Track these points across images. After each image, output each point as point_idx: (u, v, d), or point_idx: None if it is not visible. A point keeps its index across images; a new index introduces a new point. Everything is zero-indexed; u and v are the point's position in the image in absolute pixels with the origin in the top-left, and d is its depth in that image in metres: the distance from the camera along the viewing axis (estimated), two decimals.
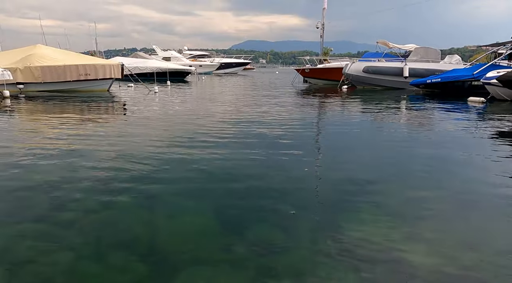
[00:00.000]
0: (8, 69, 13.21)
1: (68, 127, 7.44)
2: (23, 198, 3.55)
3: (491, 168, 4.88)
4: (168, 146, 5.76)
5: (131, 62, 25.29)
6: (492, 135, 7.11)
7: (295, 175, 4.42)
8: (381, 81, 20.00)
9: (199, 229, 2.98)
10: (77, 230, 2.90)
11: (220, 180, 4.14)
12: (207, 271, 2.38)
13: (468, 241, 2.85)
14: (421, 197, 3.71)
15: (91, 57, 19.39)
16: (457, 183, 4.22)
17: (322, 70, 24.69)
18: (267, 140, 6.26)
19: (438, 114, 10.25)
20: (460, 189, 3.98)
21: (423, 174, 4.51)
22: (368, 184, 4.06)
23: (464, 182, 4.27)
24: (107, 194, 3.65)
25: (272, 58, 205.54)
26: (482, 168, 4.95)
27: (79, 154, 5.16)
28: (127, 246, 2.67)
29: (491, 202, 3.60)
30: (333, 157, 5.39)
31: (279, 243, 2.74)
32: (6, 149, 5.51)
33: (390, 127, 8.12)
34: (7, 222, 3.06)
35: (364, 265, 2.46)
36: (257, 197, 3.64)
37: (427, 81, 16.91)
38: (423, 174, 4.49)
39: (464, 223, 3.17)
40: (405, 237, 2.86)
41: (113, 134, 6.72)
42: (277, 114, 9.45)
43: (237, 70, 49.10)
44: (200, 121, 8.39)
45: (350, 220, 3.12)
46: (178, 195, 3.69)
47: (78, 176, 4.21)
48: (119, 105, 11.99)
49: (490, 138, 6.84)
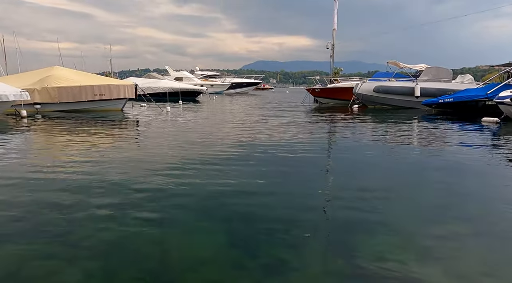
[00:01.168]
0: (26, 90, 13.61)
1: (82, 146, 7.55)
2: (35, 216, 3.58)
3: (508, 190, 4.76)
4: (179, 165, 5.79)
5: (144, 82, 25.82)
6: (508, 157, 6.96)
7: (307, 195, 4.37)
8: (392, 101, 19.94)
9: (211, 250, 2.95)
10: (88, 250, 2.90)
11: (232, 200, 4.12)
12: None
13: (485, 265, 2.76)
14: (436, 218, 3.63)
15: (105, 78, 19.89)
16: (473, 204, 4.11)
17: (332, 89, 24.78)
18: (278, 160, 6.25)
19: (452, 135, 10.12)
20: (476, 211, 3.88)
21: (438, 195, 4.42)
22: (381, 204, 3.99)
23: (481, 203, 4.16)
24: (119, 213, 3.66)
25: (282, 78, 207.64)
26: (499, 189, 4.83)
27: (91, 173, 5.22)
28: (138, 268, 2.65)
29: (509, 225, 3.50)
30: (345, 177, 5.33)
31: (292, 264, 2.70)
32: (21, 167, 5.60)
33: (402, 148, 8.03)
34: (19, 240, 3.08)
35: None
36: (269, 217, 3.60)
37: (439, 101, 16.79)
38: (438, 196, 4.40)
39: (481, 246, 3.07)
40: (419, 258, 2.79)
41: (125, 154, 6.79)
42: (288, 134, 9.45)
43: (247, 90, 49.61)
44: (211, 140, 8.43)
45: (362, 240, 3.07)
46: (189, 215, 3.67)
47: (90, 194, 4.24)
48: (131, 125, 12.17)
49: (506, 160, 6.70)
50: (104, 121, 12.55)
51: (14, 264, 2.69)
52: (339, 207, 3.98)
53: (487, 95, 15.02)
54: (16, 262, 2.72)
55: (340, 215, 3.73)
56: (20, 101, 13.20)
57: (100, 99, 16.05)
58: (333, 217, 3.70)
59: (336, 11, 26.62)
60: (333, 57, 28.20)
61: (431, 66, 21.21)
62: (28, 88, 14.23)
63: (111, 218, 3.54)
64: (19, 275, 2.55)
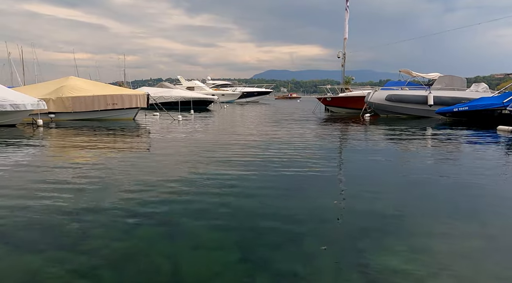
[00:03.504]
0: (42, 99, 13.91)
1: (95, 155, 7.62)
2: (49, 225, 3.58)
3: None
4: (190, 173, 5.78)
5: (156, 91, 26.15)
6: None
7: (320, 206, 4.29)
8: (405, 110, 19.71)
9: (222, 261, 2.90)
10: (100, 259, 2.88)
11: (244, 211, 4.07)
12: None
13: (505, 280, 2.64)
14: (451, 231, 3.51)
15: (118, 88, 20.21)
16: (490, 217, 3.97)
17: (344, 98, 24.65)
18: (290, 170, 6.18)
19: (468, 144, 9.90)
20: (493, 224, 3.75)
21: (452, 207, 4.29)
22: (395, 216, 3.90)
23: (498, 216, 4.02)
24: (131, 223, 3.65)
25: (293, 87, 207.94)
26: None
27: (104, 182, 5.24)
28: (149, 277, 2.61)
29: None
30: (359, 188, 5.23)
31: (304, 276, 2.63)
32: (37, 174, 5.66)
33: (416, 158, 7.88)
34: (32, 248, 3.08)
35: None
36: (282, 229, 3.54)
37: (454, 109, 16.53)
38: (453, 208, 4.27)
39: (498, 261, 2.94)
40: (434, 272, 2.69)
41: (137, 162, 6.82)
42: (300, 144, 9.38)
43: (258, 99, 49.82)
44: (223, 150, 8.42)
45: (376, 253, 2.98)
46: (201, 225, 3.63)
47: (103, 204, 4.24)
48: (143, 134, 12.27)
49: None
50: (117, 130, 12.69)
51: (27, 273, 2.68)
52: (352, 218, 3.89)
53: (503, 104, 14.72)
54: (29, 270, 2.71)
55: (353, 226, 3.64)
56: (37, 111, 13.48)
57: (112, 109, 16.28)
58: (347, 228, 3.61)
59: (348, 20, 26.66)
60: (344, 66, 28.17)
61: (444, 75, 20.95)
62: (44, 98, 14.54)
63: (124, 228, 3.53)
64: None
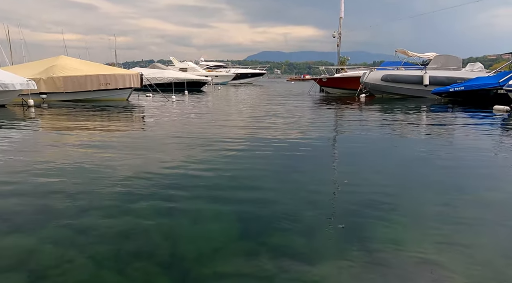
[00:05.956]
0: (32, 79, 13.54)
1: (89, 135, 7.48)
2: (45, 204, 3.50)
3: None
4: (187, 153, 5.69)
5: (149, 72, 25.64)
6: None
7: (318, 181, 4.26)
8: (400, 90, 19.65)
9: (221, 238, 2.85)
10: (98, 238, 2.81)
11: (240, 189, 4.02)
12: (230, 280, 2.25)
13: (501, 251, 2.64)
14: (452, 206, 3.50)
15: (111, 67, 19.71)
16: (485, 191, 3.98)
17: (339, 79, 24.46)
18: (286, 149, 6.13)
19: (464, 124, 9.92)
20: (489, 196, 3.76)
21: (452, 183, 4.29)
22: (395, 194, 3.87)
23: (492, 189, 4.03)
24: (128, 201, 3.58)
25: (287, 68, 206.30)
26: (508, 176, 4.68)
27: (99, 161, 5.14)
28: (148, 255, 2.56)
29: None
30: (355, 165, 5.20)
31: (304, 253, 2.60)
32: (30, 156, 5.53)
33: (411, 137, 7.87)
34: (29, 228, 3.01)
35: (395, 276, 2.29)
36: (280, 205, 3.50)
37: (449, 89, 16.50)
38: (452, 184, 4.27)
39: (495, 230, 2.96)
40: (437, 246, 2.68)
41: (133, 142, 6.71)
42: (295, 125, 9.31)
43: (252, 81, 49.31)
44: (218, 130, 8.33)
45: (378, 229, 2.96)
46: (199, 203, 3.57)
47: (99, 183, 4.16)
48: (138, 114, 12.08)
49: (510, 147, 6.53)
50: (110, 111, 12.47)
51: (24, 253, 2.61)
52: (350, 193, 3.86)
53: (499, 83, 14.69)
54: (26, 250, 2.65)
55: (351, 202, 3.61)
56: (27, 91, 13.15)
57: (105, 89, 15.95)
58: (345, 204, 3.58)
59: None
60: (340, 46, 27.84)
61: (440, 55, 20.83)
62: (34, 78, 14.16)
63: (121, 206, 3.45)
64: (30, 263, 2.47)
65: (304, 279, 2.26)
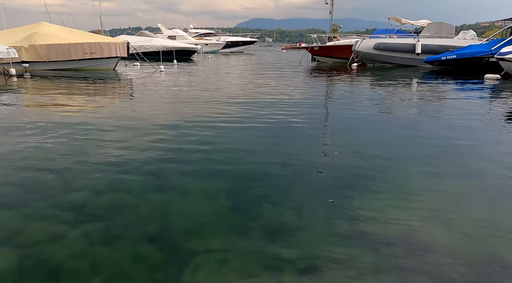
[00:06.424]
0: (13, 47, 12.99)
1: (76, 106, 7.29)
2: (32, 179, 3.43)
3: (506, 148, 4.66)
4: (176, 125, 5.60)
5: (136, 40, 24.80)
6: (506, 115, 6.82)
7: (308, 153, 4.25)
8: (392, 59, 19.45)
9: (211, 211, 2.85)
10: (87, 212, 2.78)
11: (232, 160, 3.99)
12: (220, 254, 2.25)
13: (489, 221, 2.70)
14: (439, 178, 3.53)
15: (96, 35, 18.96)
16: (474, 163, 4.01)
17: (331, 48, 24.04)
18: (276, 120, 6.07)
19: (454, 94, 9.91)
20: (478, 170, 3.79)
21: (440, 154, 4.31)
22: (383, 166, 3.88)
23: (482, 161, 4.06)
24: (117, 174, 3.53)
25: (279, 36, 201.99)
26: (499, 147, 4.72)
27: (86, 134, 5.02)
28: (138, 229, 2.54)
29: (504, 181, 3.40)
30: (346, 136, 5.18)
31: (293, 224, 2.62)
32: (14, 128, 5.37)
33: (401, 107, 7.86)
34: (16, 203, 2.95)
35: (382, 246, 2.34)
36: (269, 179, 3.49)
37: (441, 58, 16.37)
38: (440, 155, 4.29)
39: (484, 204, 3.00)
40: (423, 217, 2.73)
41: (121, 114, 6.56)
42: (286, 95, 9.20)
43: (243, 49, 48.25)
44: (209, 101, 8.19)
45: (365, 201, 2.98)
46: (189, 176, 3.54)
47: (86, 156, 4.08)
48: (125, 84, 11.79)
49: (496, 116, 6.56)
50: (97, 81, 12.13)
51: (14, 228, 2.56)
52: (339, 166, 3.85)
53: (491, 51, 14.59)
54: (15, 225, 2.60)
55: (339, 174, 3.63)
56: (8, 60, 12.64)
57: (90, 58, 15.44)
58: (333, 176, 3.59)
59: None
60: (332, 13, 27.17)
61: (433, 22, 20.51)
62: (15, 46, 13.56)
63: (110, 181, 3.40)
64: (19, 239, 2.43)
65: (293, 252, 2.27)
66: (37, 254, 2.26)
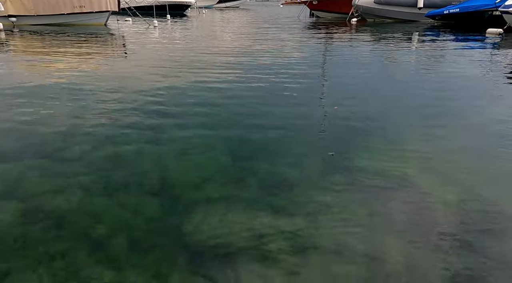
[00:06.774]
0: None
1: (69, 62, 7.09)
2: (28, 135, 3.41)
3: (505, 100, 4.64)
4: (172, 81, 5.50)
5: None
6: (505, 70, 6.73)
7: (305, 111, 4.22)
8: (393, 13, 18.75)
9: (210, 165, 2.86)
10: (85, 167, 2.78)
11: (228, 115, 3.97)
12: (219, 208, 2.28)
13: (486, 175, 2.74)
14: (437, 131, 3.54)
15: None
16: (474, 118, 4.00)
17: (330, 2, 23.04)
18: (274, 78, 5.95)
19: (455, 48, 9.69)
20: (477, 123, 3.79)
21: (438, 108, 4.28)
22: (380, 120, 3.88)
23: (481, 116, 4.05)
24: (114, 129, 3.51)
25: None
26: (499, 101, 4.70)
27: (81, 90, 4.93)
28: (137, 183, 2.57)
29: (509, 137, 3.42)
30: (344, 94, 5.12)
31: (291, 178, 2.64)
32: (6, 86, 5.25)
33: (401, 63, 7.72)
34: (14, 158, 2.95)
35: (378, 199, 2.38)
36: (267, 134, 3.47)
37: (444, 12, 15.80)
38: (438, 109, 4.26)
39: (482, 157, 3.03)
40: (419, 170, 2.76)
41: (115, 70, 6.41)
42: (284, 52, 8.96)
43: (238, 4, 46.30)
44: (204, 56, 7.99)
45: (362, 155, 3.00)
46: (187, 130, 3.53)
47: (82, 112, 4.03)
48: (118, 40, 11.40)
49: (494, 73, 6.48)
50: (88, 36, 11.71)
51: (11, 183, 2.58)
52: (337, 122, 3.84)
53: (495, 4, 14.06)
54: (13, 180, 2.61)
55: (336, 129, 3.63)
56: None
57: (80, 12, 14.80)
58: (330, 131, 3.59)
59: None
60: None
61: None
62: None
63: (108, 135, 3.38)
64: (18, 192, 2.45)
65: (289, 203, 2.32)
66: (38, 206, 2.29)
